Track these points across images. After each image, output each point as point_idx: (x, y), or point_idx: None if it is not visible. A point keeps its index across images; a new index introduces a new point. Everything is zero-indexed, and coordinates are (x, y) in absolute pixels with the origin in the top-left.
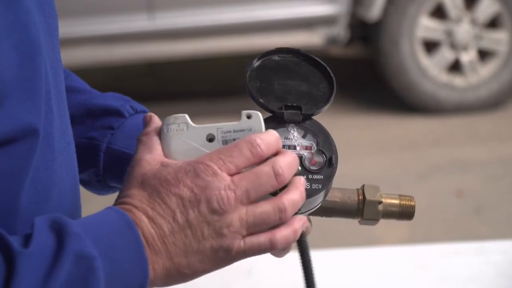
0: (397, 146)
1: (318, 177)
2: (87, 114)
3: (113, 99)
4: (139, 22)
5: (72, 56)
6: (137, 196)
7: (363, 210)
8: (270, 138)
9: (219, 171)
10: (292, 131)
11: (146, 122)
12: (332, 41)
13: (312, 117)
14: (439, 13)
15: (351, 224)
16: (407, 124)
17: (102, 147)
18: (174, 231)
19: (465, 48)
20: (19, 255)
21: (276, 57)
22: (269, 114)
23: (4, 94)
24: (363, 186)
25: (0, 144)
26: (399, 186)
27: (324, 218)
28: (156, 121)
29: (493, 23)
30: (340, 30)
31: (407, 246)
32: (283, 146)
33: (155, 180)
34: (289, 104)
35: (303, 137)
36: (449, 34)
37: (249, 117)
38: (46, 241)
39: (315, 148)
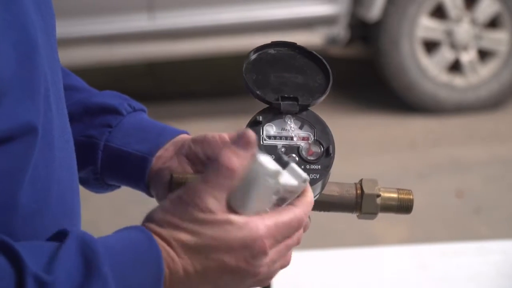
0: (397, 146)
1: (315, 167)
2: (85, 112)
3: (111, 97)
4: (139, 22)
5: (72, 56)
6: (186, 247)
7: (361, 204)
8: (307, 213)
9: (267, 250)
10: (289, 122)
11: (239, 141)
12: (332, 41)
13: (309, 108)
14: (439, 13)
15: (351, 223)
16: (407, 124)
17: (100, 145)
18: (200, 284)
19: (465, 48)
20: (36, 281)
21: (272, 50)
22: (265, 106)
23: (2, 93)
24: (361, 180)
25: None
26: (399, 186)
27: (323, 218)
28: (248, 150)
29: (493, 23)
30: (340, 30)
31: (407, 246)
32: (280, 137)
33: (211, 239)
34: (286, 95)
35: (300, 128)
36: (449, 34)
37: (304, 181)
38: (73, 274)
39: (312, 138)
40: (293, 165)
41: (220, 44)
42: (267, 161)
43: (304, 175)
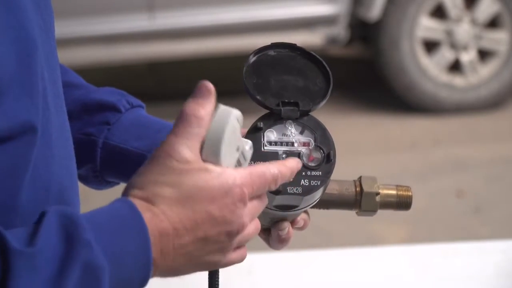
0: (397, 146)
1: (316, 173)
2: (84, 109)
3: (109, 94)
4: (140, 22)
5: (72, 56)
6: (169, 202)
7: (360, 202)
8: (289, 173)
9: (246, 198)
10: (289, 128)
11: (200, 94)
12: (332, 41)
13: (310, 113)
14: (439, 13)
15: (351, 224)
16: (407, 124)
17: (99, 142)
18: (189, 243)
19: (465, 48)
20: (19, 254)
21: (272, 52)
22: (266, 111)
23: (2, 91)
24: (360, 177)
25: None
26: None
27: (323, 218)
28: (212, 100)
29: (493, 23)
30: (340, 30)
31: (407, 246)
32: (281, 143)
33: (192, 188)
34: (286, 100)
35: (301, 133)
36: (449, 34)
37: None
38: (55, 244)
39: (313, 144)
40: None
41: (220, 44)
42: (232, 109)
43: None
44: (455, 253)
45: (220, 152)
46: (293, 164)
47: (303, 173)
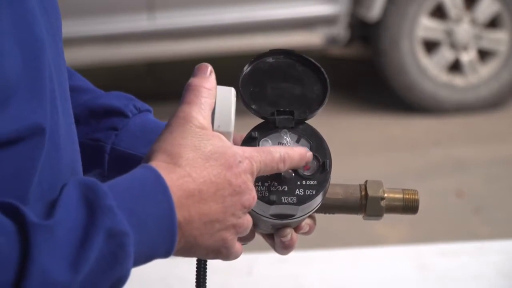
0: (397, 146)
1: (311, 182)
2: (91, 114)
3: (116, 99)
4: (139, 22)
5: (72, 56)
6: (194, 164)
7: (366, 206)
8: (297, 157)
9: (255, 172)
10: (285, 136)
11: (204, 72)
12: (332, 41)
13: (306, 121)
14: (439, 13)
15: (351, 223)
16: (407, 124)
17: (106, 148)
18: (212, 211)
19: (465, 48)
20: (38, 228)
21: (270, 59)
22: (261, 120)
23: (10, 93)
24: (366, 181)
25: (8, 143)
26: (399, 186)
27: (323, 218)
28: (214, 79)
29: (493, 23)
30: (340, 30)
31: (407, 246)
32: None
33: (212, 152)
34: (282, 109)
35: (297, 142)
36: (449, 34)
37: None
38: (75, 213)
39: None
40: None
41: (220, 44)
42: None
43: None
44: (455, 253)
45: (231, 123)
46: (302, 150)
47: (298, 183)
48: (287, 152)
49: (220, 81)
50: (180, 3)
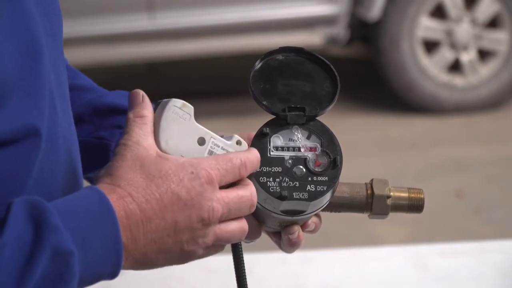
0: (397, 146)
1: (322, 178)
2: (95, 113)
3: (120, 98)
4: (139, 22)
5: (72, 56)
6: (134, 183)
7: (372, 205)
8: (256, 161)
9: (215, 181)
10: (296, 133)
11: (137, 101)
12: (332, 41)
13: (317, 117)
14: (439, 13)
15: (351, 224)
16: (407, 124)
17: (111, 146)
18: (159, 228)
19: (465, 48)
20: None
21: (279, 56)
22: (273, 116)
23: (5, 94)
24: (371, 180)
25: (2, 144)
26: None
27: (323, 218)
28: (148, 102)
29: (493, 23)
30: (340, 30)
31: (407, 246)
32: (288, 148)
33: (155, 170)
34: (293, 105)
35: (307, 138)
36: (449, 34)
37: (238, 143)
38: (23, 232)
39: (320, 149)
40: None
41: (220, 44)
42: (177, 101)
43: (241, 139)
44: (455, 253)
45: (167, 140)
46: (256, 152)
47: (309, 179)
48: (247, 156)
49: (220, 81)
50: (180, 3)
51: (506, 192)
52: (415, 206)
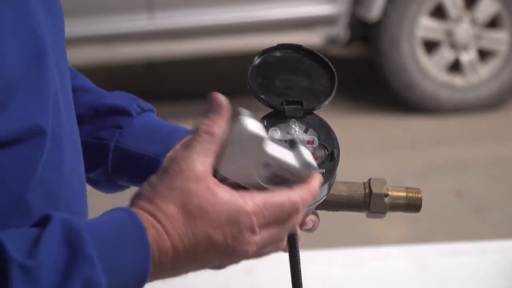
0: (397, 146)
1: (320, 171)
2: (96, 114)
3: (120, 98)
4: (139, 22)
5: (72, 56)
6: (173, 220)
7: (369, 204)
8: (311, 198)
9: (256, 229)
10: (293, 126)
11: (213, 109)
12: (332, 41)
13: (314, 111)
14: (439, 13)
15: (351, 223)
16: (407, 124)
17: (110, 146)
18: (187, 266)
19: (465, 48)
20: (19, 267)
21: (277, 53)
22: (270, 110)
23: (10, 94)
24: (369, 179)
25: (7, 144)
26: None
27: (323, 218)
28: (225, 114)
29: (493, 23)
30: (340, 30)
31: (407, 246)
32: (285, 141)
33: (197, 210)
34: (290, 99)
35: (305, 131)
36: (449, 34)
37: (307, 167)
38: (57, 257)
39: (317, 142)
40: (302, 148)
41: (220, 44)
42: (251, 124)
43: (311, 161)
44: (455, 253)
45: (231, 170)
46: (316, 185)
47: None
48: (302, 197)
49: (220, 81)
50: (180, 3)
51: (506, 192)
52: (412, 205)
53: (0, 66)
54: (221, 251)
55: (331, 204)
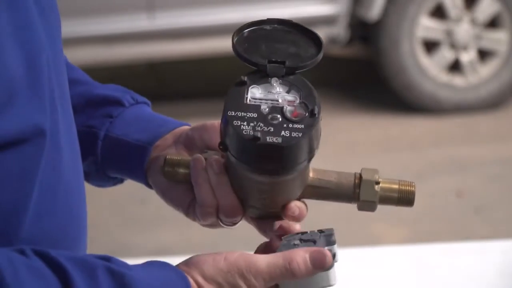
0: (397, 146)
1: (298, 126)
2: (88, 103)
3: (113, 90)
4: (139, 22)
5: (72, 56)
6: None
7: (359, 192)
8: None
9: None
10: (275, 85)
11: (322, 264)
12: (332, 41)
13: (297, 72)
14: (439, 13)
15: (351, 223)
16: (407, 124)
17: (100, 135)
18: None
19: (465, 48)
20: None
21: (267, 27)
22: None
23: (13, 94)
24: (361, 169)
25: (11, 144)
26: None
27: (323, 218)
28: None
29: (493, 23)
30: (340, 30)
31: (407, 245)
32: (266, 100)
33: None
34: (273, 59)
35: (287, 92)
36: (449, 34)
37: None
38: None
39: (298, 100)
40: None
41: (220, 44)
42: (334, 275)
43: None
44: (455, 253)
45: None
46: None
47: (285, 125)
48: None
49: (220, 81)
50: (180, 3)
51: (506, 192)
52: (405, 199)
53: (3, 67)
54: None
55: (320, 191)
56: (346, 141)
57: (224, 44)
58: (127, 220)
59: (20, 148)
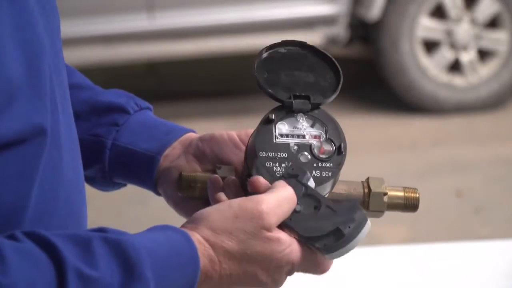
0: (397, 146)
1: (327, 165)
2: (92, 111)
3: (117, 96)
4: (139, 22)
5: (72, 56)
6: (231, 257)
7: (368, 202)
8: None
9: (294, 272)
10: (301, 120)
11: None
12: (332, 41)
13: (321, 106)
14: (439, 13)
15: None
16: (407, 124)
17: (107, 143)
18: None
19: (465, 48)
20: (78, 274)
21: (282, 49)
22: (277, 104)
23: (13, 94)
24: (368, 178)
25: (12, 144)
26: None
27: None
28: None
29: (493, 23)
30: (340, 30)
31: (407, 245)
32: (293, 135)
33: (252, 254)
34: (298, 93)
35: (312, 126)
36: (449, 34)
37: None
38: (115, 272)
39: (324, 136)
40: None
41: (220, 44)
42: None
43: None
44: (455, 253)
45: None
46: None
47: (315, 164)
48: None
49: (220, 81)
50: (180, 3)
51: (506, 192)
52: (410, 205)
53: (3, 67)
54: (258, 285)
55: None
56: (346, 141)
57: (224, 44)
58: (127, 221)
59: (20, 148)
